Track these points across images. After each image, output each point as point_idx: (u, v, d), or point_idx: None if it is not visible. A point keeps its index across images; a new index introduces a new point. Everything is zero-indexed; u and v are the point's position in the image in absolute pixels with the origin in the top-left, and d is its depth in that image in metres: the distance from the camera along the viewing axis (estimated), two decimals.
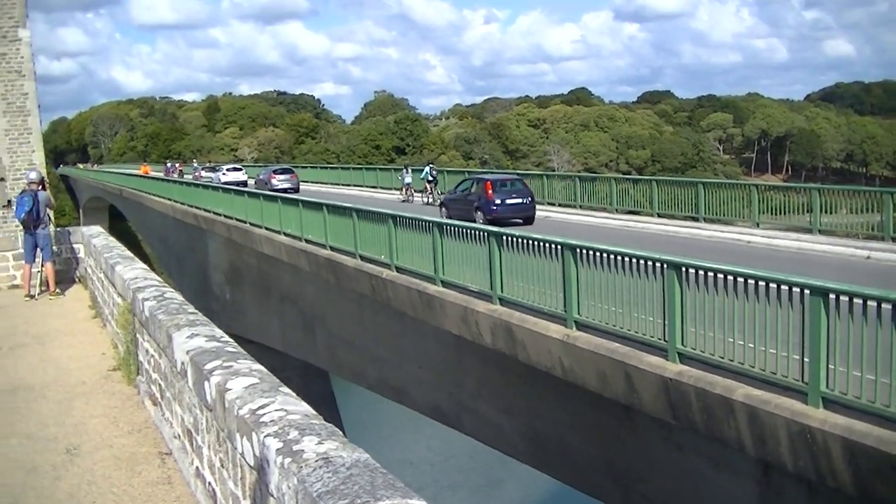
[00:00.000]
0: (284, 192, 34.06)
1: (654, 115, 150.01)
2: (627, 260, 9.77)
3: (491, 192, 23.06)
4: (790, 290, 7.74)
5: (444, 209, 24.96)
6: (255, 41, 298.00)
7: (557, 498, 29.31)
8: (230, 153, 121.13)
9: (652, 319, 9.48)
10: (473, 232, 13.40)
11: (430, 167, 33.81)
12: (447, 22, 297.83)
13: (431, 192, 31.83)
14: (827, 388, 7.48)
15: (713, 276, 8.61)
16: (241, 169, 54.07)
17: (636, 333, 9.72)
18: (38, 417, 7.65)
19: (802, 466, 7.68)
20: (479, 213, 22.72)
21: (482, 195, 23.23)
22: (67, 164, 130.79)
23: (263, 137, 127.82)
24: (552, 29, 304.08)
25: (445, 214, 23.66)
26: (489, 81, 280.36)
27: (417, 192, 33.58)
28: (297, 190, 38.91)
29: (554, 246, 11.10)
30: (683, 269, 9.02)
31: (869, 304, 7.09)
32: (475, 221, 20.87)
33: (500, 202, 22.90)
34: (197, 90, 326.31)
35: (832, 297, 7.39)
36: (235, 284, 28.87)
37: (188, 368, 5.43)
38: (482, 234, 12.97)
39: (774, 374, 7.97)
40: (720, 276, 8.53)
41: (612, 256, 10.04)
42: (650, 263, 9.45)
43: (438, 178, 33.01)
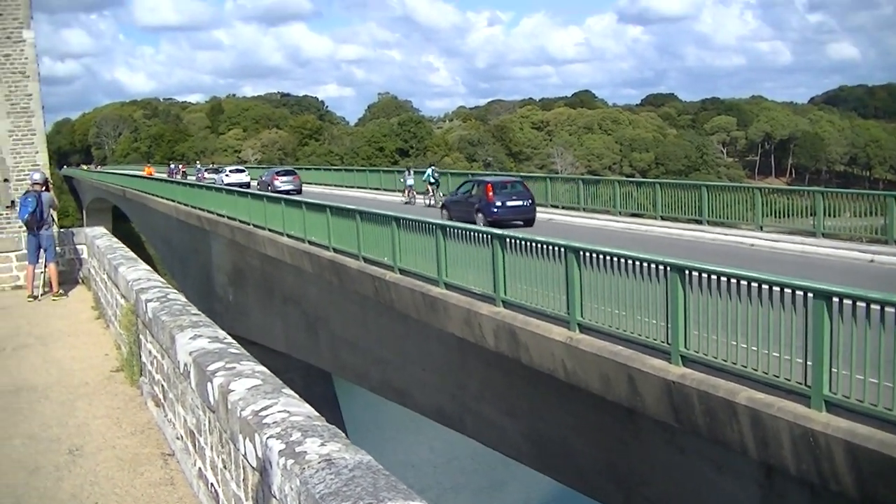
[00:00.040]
0: (287, 193, 34.06)
1: (657, 117, 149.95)
2: (630, 263, 9.77)
3: (491, 194, 23.13)
4: (793, 293, 7.74)
5: (445, 211, 25.03)
6: (258, 43, 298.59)
7: (560, 500, 29.30)
8: (234, 155, 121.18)
9: (655, 322, 9.47)
10: (477, 234, 13.40)
11: (432, 169, 33.85)
12: (451, 24, 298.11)
13: (433, 194, 31.86)
14: (830, 391, 7.48)
15: (716, 279, 8.61)
16: (244, 170, 54.13)
17: (639, 336, 9.71)
18: (41, 418, 7.66)
19: (805, 470, 7.67)
20: (479, 214, 22.76)
21: (483, 197, 23.28)
22: (71, 165, 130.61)
23: (267, 139, 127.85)
24: (556, 31, 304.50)
25: (447, 216, 23.70)
26: (493, 84, 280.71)
27: (419, 193, 33.61)
28: (299, 191, 38.92)
29: (557, 248, 11.11)
30: (686, 271, 9.01)
31: (872, 307, 7.10)
32: (476, 223, 20.89)
33: (500, 204, 22.97)
34: (200, 91, 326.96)
35: (835, 300, 7.38)
36: (238, 286, 28.89)
37: (191, 370, 5.44)
38: (485, 236, 12.97)
39: (777, 377, 7.97)
40: (723, 279, 8.53)
41: (615, 259, 10.05)
42: (653, 266, 9.45)
43: (441, 180, 33.04)
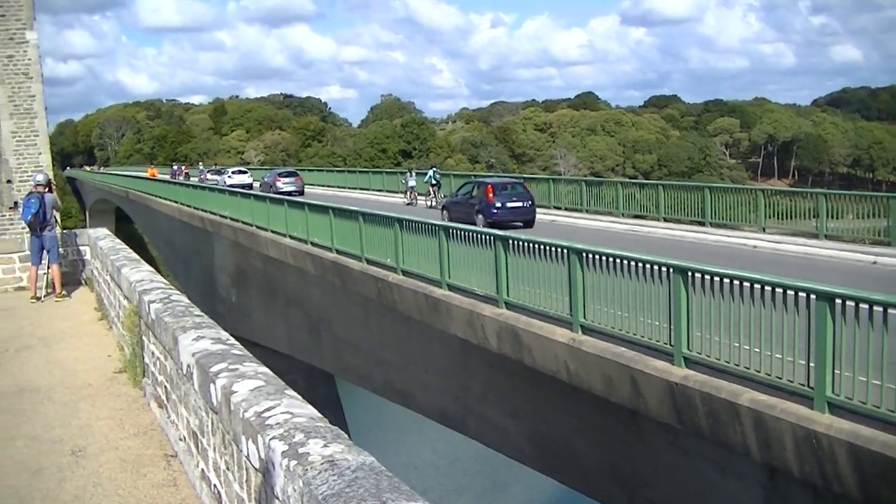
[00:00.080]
0: (289, 194, 34.06)
1: (660, 119, 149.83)
2: (633, 264, 9.76)
3: (491, 195, 23.18)
4: (796, 294, 7.74)
5: (445, 212, 25.08)
6: (261, 44, 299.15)
7: (563, 502, 29.29)
8: (237, 156, 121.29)
9: (658, 324, 9.47)
10: (479, 236, 13.40)
11: (433, 170, 33.86)
12: (454, 26, 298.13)
13: (435, 195, 31.87)
14: (833, 393, 7.47)
15: (719, 280, 8.61)
16: (246, 172, 54.19)
17: (642, 338, 9.71)
18: (43, 419, 7.66)
19: (808, 471, 7.66)
20: (479, 216, 22.82)
21: (483, 198, 23.34)
22: (74, 166, 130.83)
23: (270, 140, 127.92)
24: (559, 33, 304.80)
25: (447, 217, 23.76)
26: (496, 85, 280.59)
27: (421, 195, 33.63)
28: (301, 193, 38.90)
29: (560, 250, 11.10)
30: (689, 273, 9.01)
31: (875, 309, 7.10)
32: (476, 224, 20.91)
33: (500, 205, 23.01)
34: (203, 93, 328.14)
35: (838, 302, 7.38)
36: (241, 287, 28.90)
37: (194, 371, 5.44)
38: (488, 237, 12.97)
39: (780, 378, 7.96)
40: (726, 280, 8.52)
41: (618, 260, 10.05)
42: (656, 268, 9.44)
43: (443, 181, 33.05)
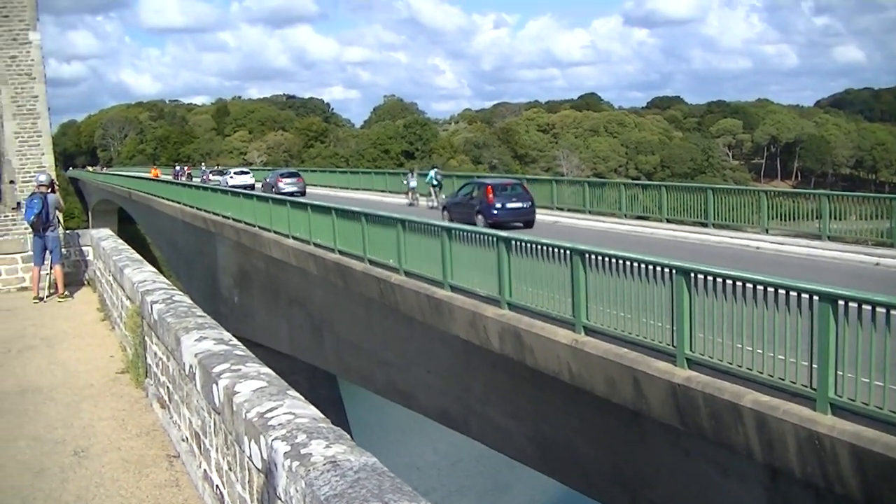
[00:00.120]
0: (291, 195, 34.05)
1: (663, 120, 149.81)
2: (636, 265, 9.76)
3: (492, 196, 23.22)
4: (799, 296, 7.73)
5: (445, 212, 25.10)
6: (264, 45, 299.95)
7: (564, 503, 29.25)
8: (239, 157, 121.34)
9: (660, 325, 9.46)
10: (482, 236, 13.40)
11: (435, 171, 33.87)
12: (456, 26, 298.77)
13: (436, 196, 31.88)
14: (835, 394, 7.46)
15: (722, 281, 8.60)
16: (248, 172, 54.26)
17: (644, 339, 9.70)
18: (46, 420, 7.67)
19: (810, 472, 7.65)
20: (479, 216, 22.85)
21: (483, 199, 23.37)
22: (77, 166, 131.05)
23: (272, 141, 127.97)
24: (562, 34, 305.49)
25: (447, 218, 23.78)
26: (498, 86, 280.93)
27: (422, 196, 33.63)
28: (303, 193, 38.90)
29: (562, 251, 11.09)
30: (692, 274, 9.00)
31: (877, 310, 7.08)
32: (476, 225, 20.93)
33: (500, 206, 23.05)
34: (206, 94, 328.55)
35: (841, 303, 7.37)
36: (244, 288, 28.91)
37: (196, 371, 5.44)
38: (491, 238, 12.97)
39: (783, 380, 7.95)
40: (729, 281, 8.52)
41: (620, 262, 10.04)
42: (659, 269, 9.44)
43: (445, 182, 33.05)
